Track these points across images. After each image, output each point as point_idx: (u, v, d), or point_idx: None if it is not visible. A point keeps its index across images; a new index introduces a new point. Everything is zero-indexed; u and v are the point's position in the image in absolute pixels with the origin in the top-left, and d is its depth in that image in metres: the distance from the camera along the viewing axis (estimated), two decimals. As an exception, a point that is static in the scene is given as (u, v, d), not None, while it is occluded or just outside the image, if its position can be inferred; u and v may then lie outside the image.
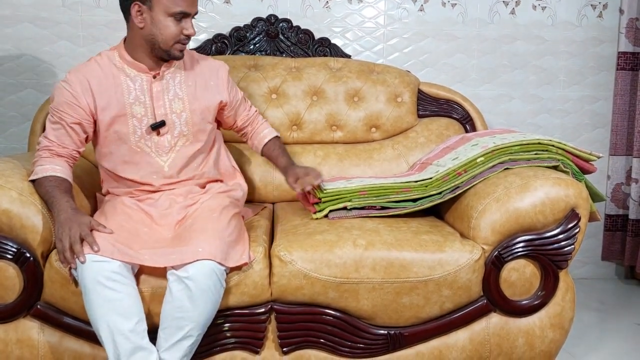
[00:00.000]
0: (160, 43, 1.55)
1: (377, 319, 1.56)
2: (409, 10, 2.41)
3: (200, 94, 1.68)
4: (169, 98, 1.64)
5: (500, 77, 2.49)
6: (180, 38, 1.56)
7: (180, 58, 1.61)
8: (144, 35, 1.56)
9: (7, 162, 1.59)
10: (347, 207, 1.71)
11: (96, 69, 1.60)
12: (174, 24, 1.54)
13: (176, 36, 1.55)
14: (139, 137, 1.62)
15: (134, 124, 1.61)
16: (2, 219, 1.46)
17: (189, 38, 1.58)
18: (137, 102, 1.60)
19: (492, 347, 1.60)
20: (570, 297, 1.63)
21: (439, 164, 1.81)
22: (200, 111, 1.68)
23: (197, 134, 1.68)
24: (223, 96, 1.73)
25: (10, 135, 2.30)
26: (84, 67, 1.61)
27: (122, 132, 1.60)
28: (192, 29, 1.56)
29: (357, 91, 2.16)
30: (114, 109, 1.59)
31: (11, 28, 2.24)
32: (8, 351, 1.52)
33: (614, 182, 2.56)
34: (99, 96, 1.58)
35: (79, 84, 1.57)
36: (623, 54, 2.47)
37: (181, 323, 1.39)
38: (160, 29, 1.54)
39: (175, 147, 1.65)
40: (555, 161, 1.69)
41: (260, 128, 1.86)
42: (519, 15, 2.46)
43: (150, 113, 1.62)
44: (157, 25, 1.54)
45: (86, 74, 1.58)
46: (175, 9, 1.52)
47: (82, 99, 1.56)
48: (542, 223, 1.56)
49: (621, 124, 2.53)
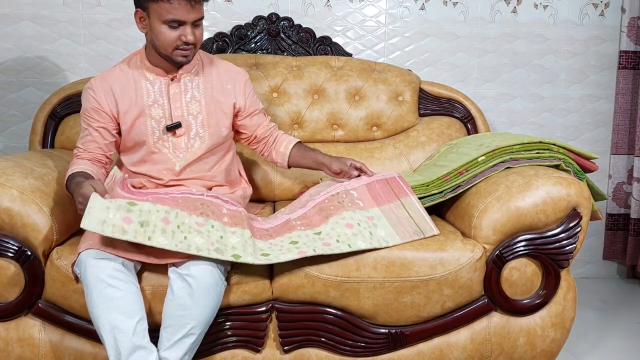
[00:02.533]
0: (160, 49, 1.57)
1: (378, 318, 1.56)
2: (410, 8, 2.40)
3: (217, 97, 1.69)
4: (186, 100, 1.66)
5: (502, 76, 2.49)
6: (178, 44, 1.55)
7: (184, 63, 1.61)
8: (148, 40, 1.60)
9: (8, 160, 1.59)
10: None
11: (119, 74, 1.65)
12: (170, 31, 1.54)
13: (173, 43, 1.55)
14: (157, 138, 1.65)
15: (152, 125, 1.64)
16: (3, 218, 1.46)
17: (189, 44, 1.56)
18: (156, 104, 1.64)
19: (493, 346, 1.60)
20: (572, 296, 1.62)
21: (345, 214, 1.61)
22: (216, 113, 1.69)
23: (213, 136, 1.69)
24: (238, 100, 1.72)
25: (11, 133, 2.30)
26: (108, 74, 1.66)
27: (142, 133, 1.64)
28: (191, 35, 1.54)
29: (358, 90, 2.16)
30: (134, 112, 1.63)
31: (12, 26, 2.24)
32: (9, 350, 1.52)
33: (616, 181, 2.56)
34: (121, 101, 1.63)
35: (102, 91, 1.63)
36: (625, 53, 2.47)
37: (183, 321, 1.39)
38: (156, 35, 1.55)
39: (192, 148, 1.67)
40: (557, 160, 1.69)
41: (283, 137, 1.80)
42: (521, 14, 2.45)
43: (167, 115, 1.65)
44: (154, 32, 1.55)
45: (109, 80, 1.64)
46: (167, 17, 1.52)
47: (105, 105, 1.62)
48: (543, 222, 1.56)
49: (622, 123, 2.53)
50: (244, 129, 1.78)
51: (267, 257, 1.44)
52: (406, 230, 1.58)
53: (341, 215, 1.57)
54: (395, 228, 1.58)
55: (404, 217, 1.62)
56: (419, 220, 1.61)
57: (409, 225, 1.60)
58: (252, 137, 1.80)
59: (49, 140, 2.05)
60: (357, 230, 1.54)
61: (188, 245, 1.38)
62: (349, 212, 1.59)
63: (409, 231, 1.58)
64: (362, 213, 1.60)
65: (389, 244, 1.54)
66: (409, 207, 1.64)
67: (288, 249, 1.47)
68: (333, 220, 1.56)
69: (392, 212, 1.62)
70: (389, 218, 1.61)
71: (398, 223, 1.60)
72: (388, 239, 1.55)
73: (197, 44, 1.59)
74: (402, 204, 1.65)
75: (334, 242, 1.50)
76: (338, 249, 1.49)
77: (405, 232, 1.58)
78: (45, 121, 2.04)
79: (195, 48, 1.60)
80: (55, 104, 2.05)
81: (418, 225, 1.60)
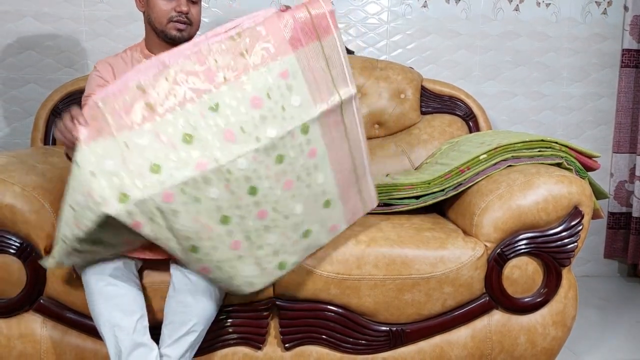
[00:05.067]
0: (156, 23, 1.58)
1: (379, 315, 1.56)
2: (413, 6, 2.40)
3: None
4: None
5: (504, 73, 2.49)
6: (172, 16, 1.56)
7: (179, 39, 1.58)
8: (146, 20, 1.61)
9: (10, 157, 1.59)
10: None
11: (120, 62, 1.66)
12: (164, 2, 1.55)
13: (167, 14, 1.56)
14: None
15: None
16: (5, 214, 1.46)
17: (184, 16, 1.56)
18: None
19: (494, 344, 1.60)
20: (573, 294, 1.62)
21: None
22: None
23: None
24: None
25: (13, 130, 2.30)
26: (110, 58, 1.68)
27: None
28: (185, 6, 1.55)
29: (359, 87, 2.16)
30: None
31: (13, 23, 2.24)
32: (11, 346, 1.52)
33: (617, 179, 2.56)
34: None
35: (105, 71, 1.64)
36: (627, 51, 2.46)
37: (185, 318, 1.39)
38: (152, 7, 1.57)
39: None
40: (559, 158, 1.68)
41: None
42: (523, 12, 2.45)
43: None
44: (149, 5, 1.57)
45: (112, 64, 1.65)
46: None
47: (110, 80, 1.63)
48: (545, 220, 1.56)
49: (625, 121, 2.52)
50: None
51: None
52: (321, 92, 1.24)
53: (240, 81, 1.17)
54: (311, 92, 1.23)
55: (321, 71, 1.24)
56: (336, 75, 1.26)
57: (324, 85, 1.25)
58: None
59: (50, 137, 2.05)
60: (267, 108, 1.17)
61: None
62: (255, 72, 1.18)
63: (324, 94, 1.24)
64: (271, 69, 1.19)
65: (303, 120, 1.20)
66: (330, 54, 1.25)
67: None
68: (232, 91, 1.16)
69: (309, 63, 1.23)
70: (304, 74, 1.22)
71: (313, 83, 1.23)
72: (303, 110, 1.21)
73: (192, 22, 1.59)
74: (322, 48, 1.24)
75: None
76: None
77: (321, 95, 1.23)
78: (47, 118, 2.04)
79: (192, 26, 1.59)
80: (57, 101, 2.05)
81: (334, 82, 1.25)
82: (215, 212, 1.18)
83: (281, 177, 1.23)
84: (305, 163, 1.26)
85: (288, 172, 1.24)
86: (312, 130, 1.24)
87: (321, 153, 1.27)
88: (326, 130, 1.27)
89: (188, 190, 1.13)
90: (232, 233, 1.22)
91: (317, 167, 1.28)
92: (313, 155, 1.26)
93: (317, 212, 1.35)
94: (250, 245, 1.27)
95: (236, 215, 1.21)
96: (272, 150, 1.20)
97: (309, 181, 1.29)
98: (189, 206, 1.15)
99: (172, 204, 1.13)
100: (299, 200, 1.28)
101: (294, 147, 1.23)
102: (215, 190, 1.16)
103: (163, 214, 1.13)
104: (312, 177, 1.28)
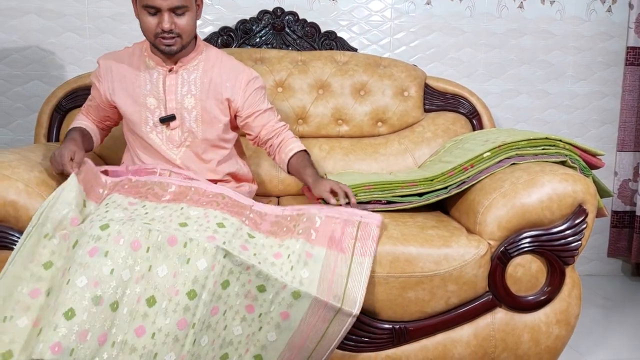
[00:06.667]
0: (146, 36, 1.58)
1: (382, 313, 1.56)
2: (416, 3, 2.39)
3: (212, 93, 1.66)
4: (181, 93, 1.64)
5: (508, 71, 2.48)
6: (158, 32, 1.53)
7: (168, 53, 1.57)
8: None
9: (13, 153, 1.59)
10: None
11: (125, 57, 1.67)
12: (148, 17, 1.53)
13: (152, 30, 1.54)
14: (151, 129, 1.65)
15: (146, 115, 1.65)
16: (8, 210, 1.46)
17: (167, 32, 1.52)
18: (151, 94, 1.64)
19: (497, 342, 1.60)
20: (577, 293, 1.62)
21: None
22: (212, 110, 1.66)
23: (206, 132, 1.67)
24: (235, 99, 1.66)
25: (17, 127, 2.30)
26: (115, 54, 1.69)
27: (136, 121, 1.65)
28: (166, 23, 1.50)
29: (363, 85, 2.15)
30: (130, 98, 1.65)
31: (17, 20, 2.24)
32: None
33: (621, 178, 2.55)
34: (118, 84, 1.65)
35: (104, 70, 1.66)
36: (632, 49, 2.45)
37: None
38: (140, 21, 1.56)
39: (186, 143, 1.67)
40: (563, 156, 1.68)
41: (288, 142, 1.71)
42: (527, 10, 2.44)
43: (162, 106, 1.64)
44: (139, 18, 1.56)
45: (115, 59, 1.66)
46: (144, 1, 1.51)
47: (102, 84, 1.67)
48: (549, 219, 1.55)
49: (629, 119, 2.51)
50: (248, 129, 1.73)
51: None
52: (329, 289, 1.38)
53: (283, 241, 1.43)
54: (321, 281, 1.38)
55: (339, 276, 1.41)
56: (351, 288, 1.41)
57: (336, 287, 1.39)
58: (257, 138, 1.74)
59: (54, 134, 2.05)
60: (280, 261, 1.39)
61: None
62: (292, 239, 1.43)
63: (329, 292, 1.38)
64: (305, 245, 1.43)
65: (300, 288, 1.34)
66: (355, 270, 1.43)
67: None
68: (270, 241, 1.43)
69: (333, 264, 1.43)
70: (324, 267, 1.41)
71: (327, 279, 1.39)
72: (305, 284, 1.36)
73: (181, 34, 1.54)
74: (350, 262, 1.44)
75: (256, 262, 1.35)
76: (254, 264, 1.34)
77: (326, 290, 1.38)
78: (50, 114, 2.04)
79: (181, 38, 1.55)
80: (60, 97, 2.05)
81: (345, 292, 1.39)
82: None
83: (245, 312, 1.35)
84: (273, 317, 1.34)
85: (256, 310, 1.35)
86: (301, 302, 1.34)
87: (289, 324, 1.35)
88: (310, 314, 1.36)
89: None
90: None
91: (278, 327, 1.34)
92: (285, 317, 1.34)
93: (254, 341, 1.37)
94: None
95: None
96: (259, 279, 1.34)
97: (265, 330, 1.35)
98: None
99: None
100: (244, 327, 1.35)
101: (276, 298, 1.34)
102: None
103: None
104: (266, 331, 1.35)
